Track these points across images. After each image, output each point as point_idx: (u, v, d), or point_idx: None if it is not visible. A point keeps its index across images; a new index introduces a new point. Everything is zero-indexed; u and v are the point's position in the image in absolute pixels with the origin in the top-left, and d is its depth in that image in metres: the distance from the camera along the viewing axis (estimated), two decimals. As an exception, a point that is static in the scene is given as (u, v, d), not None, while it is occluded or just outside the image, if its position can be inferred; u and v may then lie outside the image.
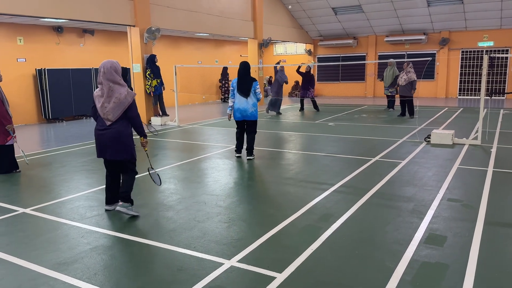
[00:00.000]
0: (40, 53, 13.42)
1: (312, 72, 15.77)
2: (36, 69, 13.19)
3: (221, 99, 20.87)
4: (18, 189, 5.97)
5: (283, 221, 4.40)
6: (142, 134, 4.69)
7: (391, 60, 14.09)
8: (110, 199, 4.85)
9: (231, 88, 7.43)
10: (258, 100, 7.43)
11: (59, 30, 13.79)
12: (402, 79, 12.51)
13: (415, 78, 12.45)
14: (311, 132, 10.48)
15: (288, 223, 4.38)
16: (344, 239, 3.96)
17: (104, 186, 4.95)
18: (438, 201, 4.99)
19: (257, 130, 7.64)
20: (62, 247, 3.90)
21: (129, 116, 4.55)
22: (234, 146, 7.82)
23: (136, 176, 4.83)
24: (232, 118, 7.73)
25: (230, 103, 7.45)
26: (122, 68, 8.17)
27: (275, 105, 14.39)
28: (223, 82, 20.64)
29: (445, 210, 4.70)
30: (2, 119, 6.47)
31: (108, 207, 4.88)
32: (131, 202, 4.68)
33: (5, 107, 6.52)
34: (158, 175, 5.06)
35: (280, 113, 14.39)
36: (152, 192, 5.62)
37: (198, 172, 6.74)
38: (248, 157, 7.51)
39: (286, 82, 14.63)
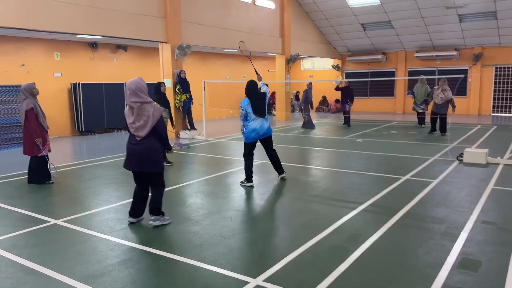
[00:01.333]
0: (76, 68, 13.93)
1: (350, 86, 15.87)
2: (71, 83, 13.68)
3: (270, 113, 21.20)
4: (50, 200, 6.15)
5: (310, 240, 4.34)
6: (167, 147, 5.01)
7: (422, 76, 13.90)
8: (135, 212, 4.97)
9: (242, 111, 6.69)
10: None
11: (94, 46, 14.30)
12: (439, 98, 12.12)
13: (452, 96, 12.15)
14: (339, 148, 10.37)
15: (315, 242, 4.31)
16: (373, 261, 3.86)
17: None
18: (472, 224, 4.81)
19: (274, 145, 7.10)
20: (91, 259, 3.97)
21: (156, 130, 4.71)
22: (245, 175, 6.80)
23: (168, 189, 4.89)
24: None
25: (242, 127, 6.81)
26: (155, 83, 8.37)
27: (310, 122, 14.62)
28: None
29: (479, 233, 4.52)
30: (32, 133, 6.73)
31: (131, 220, 4.97)
32: (163, 213, 4.88)
33: (38, 121, 6.78)
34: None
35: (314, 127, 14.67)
36: (179, 207, 5.67)
37: (224, 187, 6.76)
38: (281, 176, 7.04)
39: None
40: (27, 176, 7.08)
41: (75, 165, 8.69)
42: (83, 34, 10.96)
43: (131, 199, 5.01)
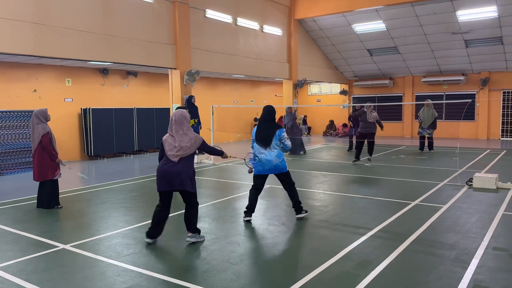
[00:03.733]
0: (86, 94, 14.20)
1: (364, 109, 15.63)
2: (81, 108, 13.92)
3: None
4: (59, 225, 6.17)
5: (318, 267, 4.29)
6: (220, 153, 5.59)
7: (428, 101, 13.91)
8: (154, 233, 5.16)
9: (252, 137, 6.22)
10: (286, 150, 6.16)
11: (105, 72, 14.61)
12: (371, 116, 12.05)
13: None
14: (346, 173, 10.33)
15: (323, 269, 4.26)
16: (382, 288, 3.80)
17: (142, 223, 5.05)
18: (483, 250, 4.73)
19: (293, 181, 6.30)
20: (99, 285, 3.96)
21: (206, 150, 5.29)
22: (245, 207, 6.18)
23: (173, 214, 4.91)
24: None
25: (251, 155, 6.10)
26: (180, 108, 8.52)
27: (299, 146, 14.30)
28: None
29: (490, 260, 4.44)
30: (50, 156, 6.83)
31: (149, 240, 5.13)
32: (198, 231, 5.18)
33: (52, 145, 6.88)
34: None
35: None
36: (187, 232, 5.65)
37: (232, 211, 6.75)
38: (297, 216, 6.15)
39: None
40: (36, 201, 7.15)
41: (84, 189, 8.74)
42: (94, 61, 11.22)
43: (140, 224, 5.02)
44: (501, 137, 19.32)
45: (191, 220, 5.13)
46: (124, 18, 11.32)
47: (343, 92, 22.93)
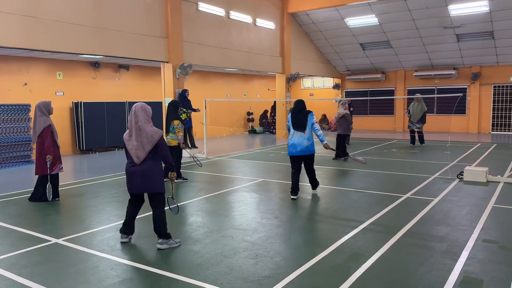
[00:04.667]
0: (78, 87, 14.07)
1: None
2: (73, 102, 13.81)
3: (270, 131, 21.62)
4: (51, 219, 6.14)
5: (311, 259, 4.33)
6: (172, 169, 4.96)
7: (418, 95, 13.93)
8: (127, 230, 5.01)
9: (287, 123, 7.24)
10: (315, 133, 7.11)
11: (96, 65, 14.48)
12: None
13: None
14: (339, 167, 10.39)
15: (316, 261, 4.30)
16: (375, 281, 3.85)
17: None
18: (473, 242, 4.80)
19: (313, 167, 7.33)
20: (92, 278, 3.96)
21: (160, 152, 4.75)
22: (290, 188, 7.10)
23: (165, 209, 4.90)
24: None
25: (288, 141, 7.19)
26: (174, 101, 8.35)
27: None
28: (273, 115, 21.59)
29: (480, 252, 4.51)
30: (46, 149, 6.82)
31: (124, 239, 4.98)
32: (170, 236, 4.83)
33: (53, 139, 6.92)
34: (177, 206, 5.26)
35: None
36: (180, 225, 5.67)
37: (225, 205, 6.76)
38: (313, 191, 7.48)
39: None
40: (30, 195, 7.13)
41: (77, 183, 8.69)
42: (85, 54, 11.11)
43: (132, 218, 5.00)
44: (492, 131, 19.52)
45: (157, 224, 4.78)
46: (116, 11, 11.20)
47: (335, 87, 22.99)
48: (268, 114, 22.60)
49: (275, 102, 21.17)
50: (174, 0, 12.63)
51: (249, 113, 22.21)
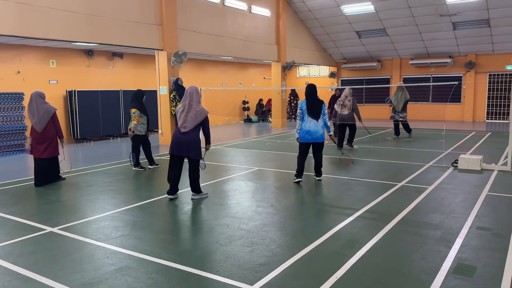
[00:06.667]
0: (71, 75, 13.94)
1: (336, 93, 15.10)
2: (67, 90, 13.69)
3: (264, 120, 21.86)
4: (46, 208, 6.12)
5: (306, 247, 4.35)
6: (209, 142, 6.44)
7: (401, 83, 13.57)
8: (173, 190, 6.31)
9: (299, 111, 7.27)
10: (324, 122, 7.34)
11: (90, 53, 14.33)
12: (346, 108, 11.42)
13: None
14: (334, 155, 10.41)
15: (312, 248, 4.32)
16: (370, 267, 3.88)
17: (130, 205, 5.03)
18: (467, 229, 4.84)
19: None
20: (87, 267, 3.96)
21: (203, 128, 6.23)
22: (295, 171, 7.41)
23: (160, 198, 4.91)
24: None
25: (298, 126, 7.28)
26: (139, 90, 8.64)
27: None
28: (295, 102, 21.88)
29: (474, 239, 4.55)
30: (58, 133, 7.46)
31: (172, 196, 6.31)
32: (201, 191, 6.38)
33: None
34: (205, 163, 6.78)
35: None
36: (175, 214, 5.67)
37: (221, 194, 6.77)
38: (317, 178, 7.53)
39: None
40: (35, 180, 7.33)
41: (71, 172, 8.66)
42: (79, 42, 10.97)
43: (128, 207, 4.99)
44: (486, 119, 19.60)
45: (196, 182, 6.27)
46: (109, -3, 11.04)
47: (331, 75, 22.92)
48: (264, 103, 22.54)
49: (293, 90, 21.68)
50: (169, -13, 12.46)
51: (244, 102, 22.14)
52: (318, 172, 7.55)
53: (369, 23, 18.64)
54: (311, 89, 7.35)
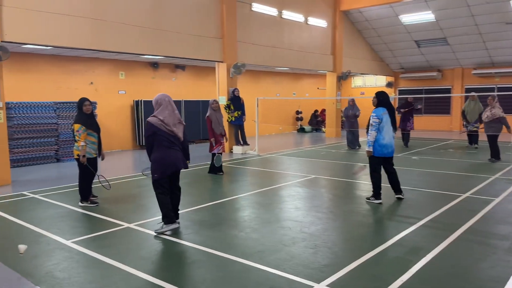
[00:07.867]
0: (138, 86, 14.86)
1: (413, 103, 14.31)
2: (134, 100, 14.59)
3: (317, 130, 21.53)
4: (121, 207, 6.61)
5: (370, 252, 4.41)
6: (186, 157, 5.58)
7: (473, 93, 13.15)
8: (175, 216, 5.34)
9: (377, 120, 6.34)
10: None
11: (155, 65, 15.20)
12: (485, 116, 10.77)
13: (501, 114, 10.46)
14: (395, 166, 10.23)
15: (375, 253, 4.38)
16: (435, 273, 3.88)
17: (197, 206, 5.34)
18: (539, 242, 4.67)
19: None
20: (164, 264, 4.29)
21: (184, 138, 5.50)
22: (373, 191, 6.64)
23: (228, 199, 5.16)
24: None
25: (372, 138, 6.39)
26: (81, 98, 6.54)
27: (355, 140, 14.08)
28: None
29: (547, 252, 4.39)
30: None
31: (177, 225, 5.27)
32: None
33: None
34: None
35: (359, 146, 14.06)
36: (238, 214, 5.93)
37: (279, 199, 6.96)
38: (402, 196, 6.77)
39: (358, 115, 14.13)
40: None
41: (138, 175, 9.23)
42: (146, 55, 11.73)
43: (195, 207, 5.28)
44: (559, 132, 18.29)
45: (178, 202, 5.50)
46: (174, 13, 11.73)
47: (388, 85, 22.51)
48: (319, 114, 22.50)
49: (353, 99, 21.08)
50: (230, 1, 13.01)
51: (298, 112, 22.29)
52: (400, 189, 6.76)
53: (429, 32, 18.18)
54: (386, 96, 6.60)
